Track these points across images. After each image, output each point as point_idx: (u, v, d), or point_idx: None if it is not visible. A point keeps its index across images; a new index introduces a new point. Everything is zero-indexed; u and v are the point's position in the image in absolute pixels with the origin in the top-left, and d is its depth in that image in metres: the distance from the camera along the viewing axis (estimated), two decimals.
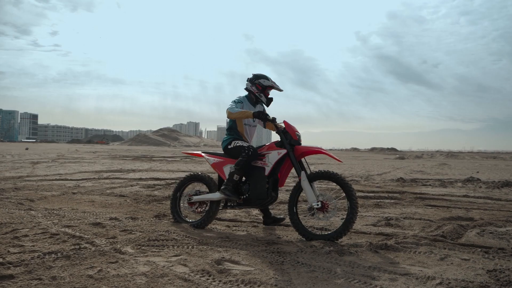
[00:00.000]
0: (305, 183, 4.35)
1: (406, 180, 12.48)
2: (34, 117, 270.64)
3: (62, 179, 10.77)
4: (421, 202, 7.52)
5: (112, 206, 6.32)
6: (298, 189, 4.48)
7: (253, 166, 4.66)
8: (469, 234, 4.67)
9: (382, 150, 79.12)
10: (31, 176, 11.41)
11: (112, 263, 3.12)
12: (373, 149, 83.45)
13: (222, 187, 4.69)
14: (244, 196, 4.67)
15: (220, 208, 4.93)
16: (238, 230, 4.73)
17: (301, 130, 5.28)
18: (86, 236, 4.00)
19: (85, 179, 11.04)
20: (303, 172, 4.41)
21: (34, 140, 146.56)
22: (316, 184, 4.51)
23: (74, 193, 7.73)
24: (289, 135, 4.60)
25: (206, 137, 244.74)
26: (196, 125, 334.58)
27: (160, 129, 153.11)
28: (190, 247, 3.72)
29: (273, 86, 5.07)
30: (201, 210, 4.98)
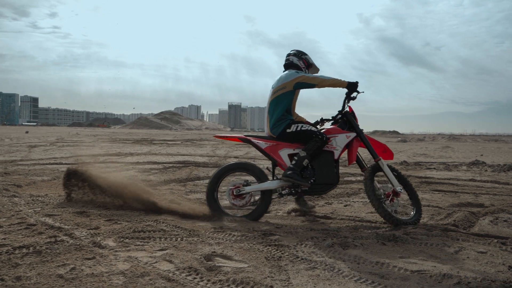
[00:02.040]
0: (386, 168, 4.30)
1: (410, 163, 12.15)
2: (35, 100, 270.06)
3: (56, 163, 10.42)
4: (427, 187, 7.19)
5: None
6: (374, 173, 4.32)
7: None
8: (482, 222, 4.34)
9: (384, 133, 78.48)
10: (25, 160, 11.08)
11: (89, 259, 2.78)
12: (375, 132, 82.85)
13: (288, 173, 4.20)
14: (310, 182, 4.32)
15: (274, 197, 4.45)
16: (234, 219, 4.37)
17: (303, 113, 4.96)
18: (66, 226, 3.66)
19: (80, 163, 10.70)
20: (381, 158, 4.37)
21: (35, 124, 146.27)
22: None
23: None
24: (355, 120, 4.49)
25: (208, 120, 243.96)
26: (197, 108, 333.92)
27: (162, 112, 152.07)
28: (178, 239, 3.38)
29: (313, 66, 4.83)
30: (251, 202, 4.40)
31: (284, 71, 4.67)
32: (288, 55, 4.75)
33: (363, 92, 4.45)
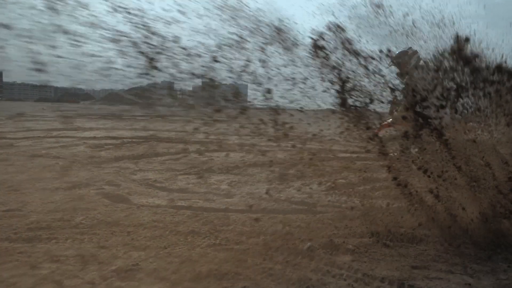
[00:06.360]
0: None
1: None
2: None
3: None
4: None
5: (28, 171, 4.80)
6: None
7: None
8: None
9: None
10: None
11: None
12: None
13: None
14: None
15: None
16: (182, 207, 3.29)
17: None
18: None
19: (27, 138, 9.41)
20: None
21: None
22: None
23: None
24: None
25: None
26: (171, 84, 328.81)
27: (133, 88, 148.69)
28: (94, 239, 2.33)
29: None
30: None
31: None
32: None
33: None
